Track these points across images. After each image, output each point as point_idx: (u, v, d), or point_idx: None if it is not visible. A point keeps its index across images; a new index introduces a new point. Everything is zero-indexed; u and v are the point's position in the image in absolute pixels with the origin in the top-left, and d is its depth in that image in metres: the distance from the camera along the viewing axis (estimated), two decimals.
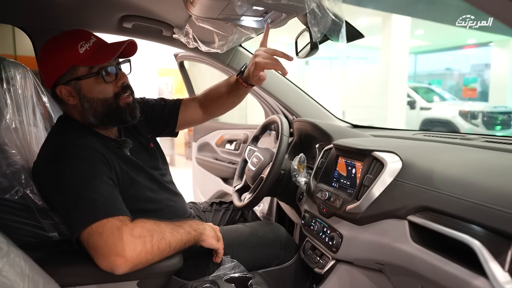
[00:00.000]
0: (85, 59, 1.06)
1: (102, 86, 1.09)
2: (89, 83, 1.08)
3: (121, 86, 1.13)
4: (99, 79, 1.08)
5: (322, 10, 0.86)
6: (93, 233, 0.89)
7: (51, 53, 1.08)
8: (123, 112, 1.13)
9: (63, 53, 1.06)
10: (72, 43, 1.06)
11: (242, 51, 1.76)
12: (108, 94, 1.10)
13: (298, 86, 1.90)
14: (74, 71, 1.07)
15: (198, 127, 2.71)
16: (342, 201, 1.08)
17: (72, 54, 1.05)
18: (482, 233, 0.71)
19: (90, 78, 1.08)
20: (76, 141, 1.05)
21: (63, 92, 1.10)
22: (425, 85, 10.91)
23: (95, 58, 1.06)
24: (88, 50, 1.06)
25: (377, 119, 7.98)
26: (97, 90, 1.09)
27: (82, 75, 1.07)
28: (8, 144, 1.08)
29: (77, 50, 1.05)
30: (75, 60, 1.06)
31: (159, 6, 1.35)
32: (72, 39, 1.08)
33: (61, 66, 1.07)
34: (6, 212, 1.02)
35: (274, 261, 1.32)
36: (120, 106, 1.12)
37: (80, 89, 1.09)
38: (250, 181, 1.52)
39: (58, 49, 1.08)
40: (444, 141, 1.30)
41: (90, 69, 1.07)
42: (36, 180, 1.07)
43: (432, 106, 8.57)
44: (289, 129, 1.41)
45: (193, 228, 1.07)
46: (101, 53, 1.07)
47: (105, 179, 1.00)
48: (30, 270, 0.79)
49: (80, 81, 1.08)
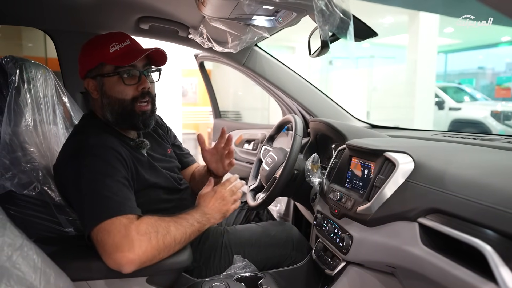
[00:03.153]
0: (112, 58, 1.11)
1: (122, 87, 1.13)
2: (111, 82, 1.13)
3: (141, 91, 1.15)
4: (120, 80, 1.12)
5: (330, 8, 0.84)
6: (102, 231, 0.91)
7: (88, 48, 1.16)
8: (136, 117, 1.16)
9: (95, 50, 1.14)
10: (106, 42, 1.13)
11: (257, 51, 1.76)
12: (126, 95, 1.14)
13: (315, 86, 1.88)
14: (102, 67, 1.13)
15: (217, 127, 2.73)
16: (354, 202, 1.07)
17: (102, 52, 1.12)
18: (494, 237, 0.68)
19: (113, 77, 1.12)
20: (95, 140, 1.08)
21: (90, 85, 1.16)
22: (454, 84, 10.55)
23: (120, 59, 1.11)
24: (117, 51, 1.12)
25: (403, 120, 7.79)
26: (116, 90, 1.13)
27: (107, 72, 1.13)
28: (28, 142, 1.12)
29: (108, 49, 1.12)
30: (103, 58, 1.12)
31: (174, 7, 1.37)
32: (108, 39, 1.14)
33: (92, 61, 1.14)
34: (25, 207, 1.07)
35: (285, 261, 1.31)
36: (135, 111, 1.15)
37: (102, 85, 1.14)
38: (264, 180, 1.52)
39: (93, 46, 1.15)
40: (463, 141, 1.25)
41: (115, 68, 1.12)
42: (56, 177, 1.12)
43: (462, 107, 8.27)
44: (303, 129, 1.39)
45: (196, 220, 1.06)
46: (128, 56, 1.12)
47: (120, 178, 1.03)
48: (42, 263, 0.82)
49: (104, 78, 1.13)
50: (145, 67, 1.17)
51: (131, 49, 1.14)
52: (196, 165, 1.57)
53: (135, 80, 1.14)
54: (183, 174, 1.46)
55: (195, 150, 7.22)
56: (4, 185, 1.04)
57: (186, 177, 1.49)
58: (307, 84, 1.85)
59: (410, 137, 1.45)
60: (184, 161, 1.50)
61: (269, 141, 1.69)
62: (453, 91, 9.10)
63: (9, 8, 1.37)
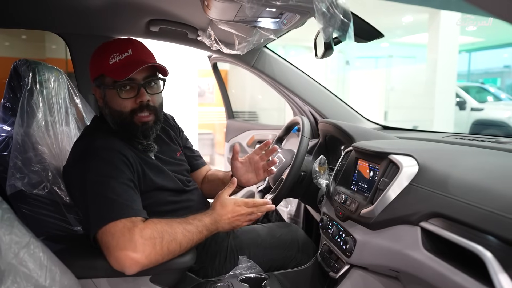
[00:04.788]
0: (110, 71, 1.10)
1: (120, 100, 1.11)
2: (111, 94, 1.13)
3: (139, 104, 1.13)
4: (117, 93, 1.11)
5: (331, 10, 0.84)
6: (106, 233, 0.93)
7: (94, 56, 1.16)
8: (135, 129, 1.14)
9: (97, 60, 1.13)
10: (107, 53, 1.11)
11: (267, 52, 1.77)
12: (124, 108, 1.12)
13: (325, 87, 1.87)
14: (103, 78, 1.13)
15: (230, 128, 2.75)
16: (358, 204, 1.06)
17: (103, 63, 1.11)
18: (495, 243, 0.66)
19: (112, 89, 1.12)
20: (102, 143, 1.09)
21: (96, 92, 1.18)
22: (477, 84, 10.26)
23: (117, 72, 1.09)
24: (117, 63, 1.10)
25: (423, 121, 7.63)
26: (115, 102, 1.12)
27: (106, 85, 1.13)
28: (40, 143, 1.16)
29: (108, 60, 1.10)
30: (103, 69, 1.11)
31: (183, 9, 1.39)
32: (109, 49, 1.12)
33: (95, 70, 1.14)
34: (35, 206, 1.10)
35: (291, 263, 1.31)
36: (134, 122, 1.13)
37: (105, 96, 1.15)
38: (271, 182, 1.53)
39: (97, 55, 1.15)
40: (473, 144, 1.22)
41: (113, 81, 1.11)
42: (65, 177, 1.15)
43: (485, 107, 8.03)
44: (310, 131, 1.39)
45: (206, 227, 1.06)
46: (124, 69, 1.09)
47: (126, 180, 1.04)
48: (48, 261, 0.84)
49: (105, 89, 1.13)
50: (146, 78, 1.14)
51: (130, 61, 1.11)
52: (207, 168, 1.56)
53: (133, 93, 1.12)
54: (193, 176, 1.47)
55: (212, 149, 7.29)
56: (15, 184, 1.08)
57: (196, 179, 1.49)
58: (317, 85, 1.84)
59: (420, 139, 1.42)
60: (195, 163, 1.50)
61: (278, 142, 1.69)
62: (476, 91, 8.85)
63: (25, 13, 1.42)
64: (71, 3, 1.32)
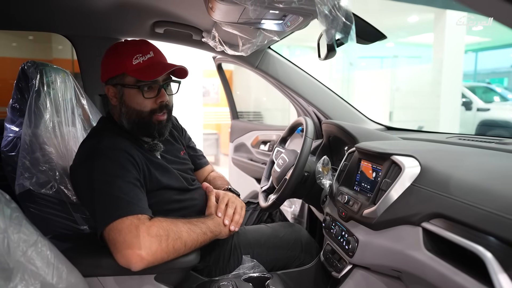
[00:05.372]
0: (134, 70, 1.13)
1: (141, 99, 1.15)
2: (131, 93, 1.16)
3: (159, 104, 1.18)
4: (140, 93, 1.15)
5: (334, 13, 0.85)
6: (113, 230, 0.95)
7: (112, 55, 1.18)
8: (152, 127, 1.19)
9: (119, 59, 1.16)
10: (130, 53, 1.15)
11: (271, 53, 1.78)
12: (144, 107, 1.16)
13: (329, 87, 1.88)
14: (123, 77, 1.15)
15: (235, 128, 2.76)
16: (360, 205, 1.07)
17: (125, 63, 1.14)
18: (495, 243, 0.67)
19: (133, 88, 1.15)
20: (109, 143, 1.11)
21: (109, 91, 1.19)
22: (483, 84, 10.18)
23: (142, 73, 1.13)
24: (140, 64, 1.14)
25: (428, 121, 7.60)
26: (135, 101, 1.16)
27: (128, 84, 1.15)
28: (47, 143, 1.18)
29: (131, 60, 1.13)
30: (125, 69, 1.14)
31: (188, 11, 1.40)
32: (132, 49, 1.16)
33: (114, 69, 1.16)
34: (43, 205, 1.12)
35: (294, 262, 1.32)
36: (152, 121, 1.18)
37: (122, 95, 1.17)
38: (275, 182, 1.53)
39: (118, 54, 1.17)
40: (476, 145, 1.22)
41: (136, 81, 1.14)
42: (72, 177, 1.17)
43: (491, 107, 7.98)
44: (313, 131, 1.40)
45: (210, 229, 1.10)
46: (150, 70, 1.13)
47: (132, 179, 1.06)
48: (55, 259, 0.86)
49: (124, 88, 1.16)
50: (165, 80, 1.19)
51: (153, 63, 1.16)
52: (210, 168, 1.59)
53: (154, 93, 1.17)
54: (196, 175, 1.49)
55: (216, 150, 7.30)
56: (24, 184, 1.10)
57: (199, 178, 1.52)
58: (321, 86, 1.85)
59: (423, 140, 1.43)
60: (198, 162, 1.53)
61: (282, 142, 1.70)
62: (482, 91, 8.78)
63: (33, 15, 1.44)
64: (77, 5, 1.35)
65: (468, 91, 8.15)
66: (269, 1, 0.92)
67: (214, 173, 1.57)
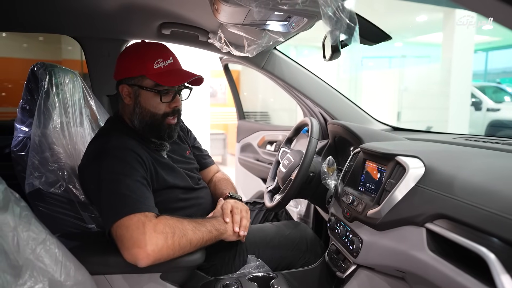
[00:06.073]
0: (154, 74, 1.17)
1: (157, 102, 1.20)
2: (148, 95, 1.19)
3: (172, 109, 1.23)
4: (157, 96, 1.19)
5: (338, 14, 0.85)
6: (120, 227, 0.97)
7: (132, 55, 1.21)
8: (163, 130, 1.24)
9: (140, 60, 1.18)
10: (151, 57, 1.18)
11: (276, 54, 1.78)
12: (159, 110, 1.21)
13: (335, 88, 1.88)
14: (142, 79, 1.19)
15: (241, 128, 2.77)
16: (365, 205, 1.07)
17: (146, 66, 1.17)
18: (498, 245, 0.67)
19: (151, 92, 1.19)
20: (116, 142, 1.14)
21: (124, 90, 1.22)
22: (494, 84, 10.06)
23: (163, 78, 1.17)
24: (161, 68, 1.18)
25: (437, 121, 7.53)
26: (151, 104, 1.20)
27: (146, 86, 1.18)
28: (56, 143, 1.20)
29: (152, 64, 1.17)
30: (146, 72, 1.17)
31: (194, 13, 1.42)
32: (153, 53, 1.20)
33: (133, 70, 1.19)
34: (52, 204, 1.14)
35: (299, 262, 1.32)
36: (163, 124, 1.23)
37: (138, 95, 1.20)
38: (280, 182, 1.54)
39: (138, 55, 1.20)
40: (483, 146, 1.21)
41: (155, 84, 1.18)
42: (80, 176, 1.19)
43: (501, 107, 7.88)
44: (319, 132, 1.40)
45: (215, 227, 1.12)
46: (171, 76, 1.18)
47: (139, 178, 1.08)
48: (63, 257, 0.88)
49: (141, 90, 1.19)
50: (180, 86, 1.24)
51: (173, 69, 1.21)
52: (215, 167, 1.61)
53: (169, 98, 1.21)
54: (202, 175, 1.51)
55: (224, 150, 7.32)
56: (33, 183, 1.12)
57: (204, 178, 1.54)
58: (327, 87, 1.85)
59: (429, 141, 1.42)
60: (203, 162, 1.55)
61: (287, 143, 1.70)
62: (492, 91, 8.68)
63: (41, 18, 1.47)
64: (85, 7, 1.37)
65: (478, 91, 8.07)
66: (274, 3, 0.93)
67: (219, 174, 1.59)
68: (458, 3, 0.49)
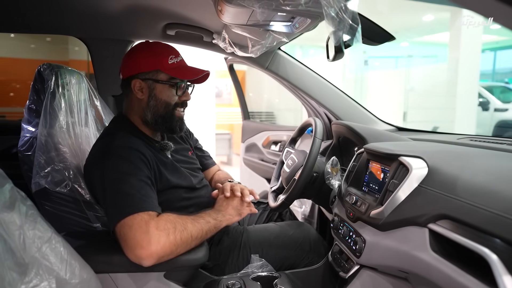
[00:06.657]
0: (170, 69, 1.24)
1: (171, 94, 1.26)
2: (164, 88, 1.24)
3: (182, 101, 1.30)
4: (172, 89, 1.25)
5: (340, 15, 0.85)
6: (124, 226, 0.98)
7: (144, 53, 1.26)
8: (175, 121, 1.28)
9: (154, 56, 1.24)
10: (165, 53, 1.25)
11: (281, 54, 1.79)
12: (172, 101, 1.26)
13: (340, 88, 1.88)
14: (157, 74, 1.23)
15: (246, 128, 2.78)
16: (368, 205, 1.07)
17: (161, 61, 1.23)
18: (500, 245, 0.67)
19: (166, 84, 1.23)
20: (121, 142, 1.15)
21: (136, 85, 1.24)
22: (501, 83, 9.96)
23: (178, 72, 1.25)
24: (175, 64, 1.26)
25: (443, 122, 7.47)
26: (166, 95, 1.25)
27: (162, 80, 1.24)
28: (61, 143, 1.21)
29: (167, 59, 1.24)
30: (161, 66, 1.23)
31: (198, 14, 1.43)
32: (166, 50, 1.27)
33: (148, 65, 1.23)
34: (57, 203, 1.16)
35: (302, 262, 1.33)
36: (174, 115, 1.28)
37: (153, 89, 1.24)
38: (284, 182, 1.54)
39: (151, 52, 1.25)
40: (487, 146, 1.21)
41: (170, 78, 1.24)
42: (85, 175, 1.20)
43: (509, 107, 7.80)
44: (323, 132, 1.40)
45: (212, 217, 1.14)
46: (184, 71, 1.27)
47: (143, 177, 1.09)
48: (68, 255, 0.89)
49: (157, 83, 1.23)
50: (189, 81, 1.32)
51: (184, 65, 1.29)
52: (216, 168, 1.64)
53: (181, 91, 1.28)
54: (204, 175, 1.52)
55: (229, 150, 7.34)
56: (40, 182, 1.14)
57: (206, 178, 1.55)
58: (331, 87, 1.85)
59: (434, 141, 1.42)
60: (205, 163, 1.57)
61: (291, 143, 1.71)
62: (500, 91, 8.60)
63: (48, 19, 1.48)
64: (91, 8, 1.38)
65: (485, 91, 7.99)
66: (277, 4, 0.94)
67: (219, 172, 1.63)
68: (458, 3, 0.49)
